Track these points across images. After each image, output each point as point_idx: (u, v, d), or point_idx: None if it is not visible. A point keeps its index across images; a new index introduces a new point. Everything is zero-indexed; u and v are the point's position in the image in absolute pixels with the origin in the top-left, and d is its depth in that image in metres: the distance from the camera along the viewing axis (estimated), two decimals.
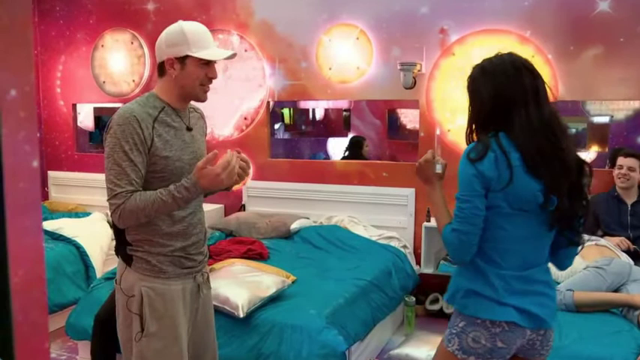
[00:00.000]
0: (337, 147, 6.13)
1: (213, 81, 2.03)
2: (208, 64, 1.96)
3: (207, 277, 2.16)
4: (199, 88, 1.97)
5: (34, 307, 0.76)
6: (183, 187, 1.84)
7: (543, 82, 1.76)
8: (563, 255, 1.82)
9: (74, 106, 5.75)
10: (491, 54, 1.82)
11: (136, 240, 1.98)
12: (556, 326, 1.85)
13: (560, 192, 1.68)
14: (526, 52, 3.96)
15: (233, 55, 2.03)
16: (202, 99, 2.01)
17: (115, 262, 3.70)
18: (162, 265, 1.97)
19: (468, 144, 1.80)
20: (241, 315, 2.86)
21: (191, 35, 1.91)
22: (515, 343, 1.74)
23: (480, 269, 1.75)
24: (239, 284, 3.03)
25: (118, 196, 1.84)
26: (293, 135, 6.51)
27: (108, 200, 1.87)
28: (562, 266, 1.86)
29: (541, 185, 1.68)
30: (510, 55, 1.79)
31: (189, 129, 2.03)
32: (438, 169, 1.88)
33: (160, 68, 1.98)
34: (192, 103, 2.10)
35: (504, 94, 1.72)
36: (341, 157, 5.75)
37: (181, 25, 1.94)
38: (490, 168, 1.68)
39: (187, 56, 1.92)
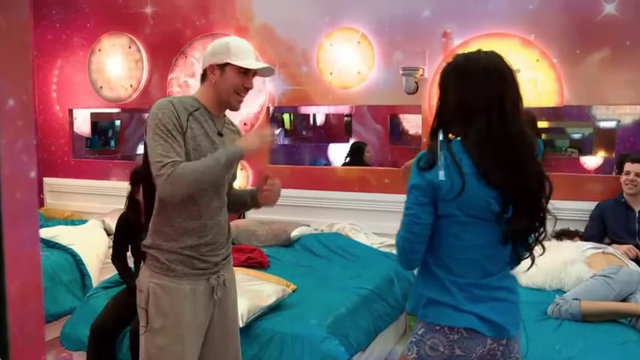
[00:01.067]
0: (338, 153, 6.11)
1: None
2: (246, 73, 2.09)
3: (224, 281, 2.17)
4: (234, 96, 2.10)
5: (30, 318, 0.78)
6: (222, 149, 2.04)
7: (517, 92, 1.67)
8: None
9: (70, 111, 5.70)
10: (473, 49, 1.74)
11: (153, 222, 2.07)
12: (521, 337, 1.82)
13: (515, 202, 1.65)
14: (530, 55, 3.92)
15: (271, 70, 2.16)
16: (236, 108, 2.14)
17: (111, 271, 3.71)
18: (172, 264, 2.03)
19: (430, 141, 1.76)
20: (241, 324, 2.82)
21: (234, 47, 2.08)
22: (474, 351, 1.70)
23: (436, 276, 1.73)
24: (239, 293, 2.96)
25: (167, 165, 1.90)
26: (293, 141, 6.48)
27: (156, 174, 1.92)
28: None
29: (495, 193, 1.64)
30: (488, 56, 1.69)
31: (219, 134, 2.12)
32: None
33: (203, 75, 2.14)
34: (230, 118, 2.24)
35: (466, 98, 1.66)
36: (342, 163, 5.72)
37: (227, 38, 2.14)
38: (440, 176, 1.65)
39: (227, 64, 2.06)
